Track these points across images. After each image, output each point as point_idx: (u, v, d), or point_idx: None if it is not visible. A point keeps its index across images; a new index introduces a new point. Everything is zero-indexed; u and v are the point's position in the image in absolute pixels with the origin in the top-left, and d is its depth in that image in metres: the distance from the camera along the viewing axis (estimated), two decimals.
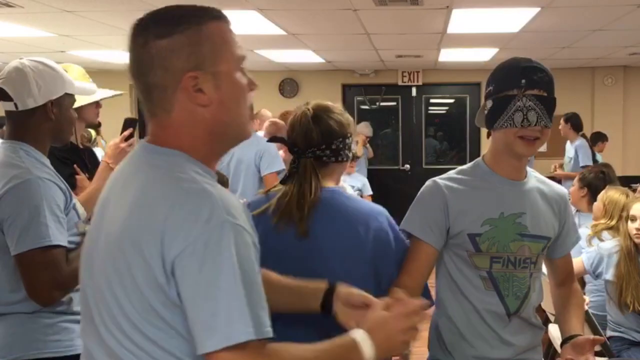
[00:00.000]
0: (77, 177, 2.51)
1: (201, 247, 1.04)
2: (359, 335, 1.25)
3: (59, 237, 1.83)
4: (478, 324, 1.81)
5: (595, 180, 4.41)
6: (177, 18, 1.15)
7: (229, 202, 1.10)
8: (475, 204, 1.80)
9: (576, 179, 4.52)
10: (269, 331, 1.08)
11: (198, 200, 1.08)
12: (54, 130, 1.97)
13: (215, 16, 1.18)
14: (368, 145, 8.52)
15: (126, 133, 2.53)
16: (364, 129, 8.44)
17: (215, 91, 1.15)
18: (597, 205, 3.91)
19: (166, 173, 1.13)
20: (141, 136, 2.47)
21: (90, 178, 2.52)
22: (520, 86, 1.73)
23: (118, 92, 2.83)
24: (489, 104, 1.79)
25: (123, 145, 2.50)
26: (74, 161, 2.59)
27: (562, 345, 1.83)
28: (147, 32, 1.15)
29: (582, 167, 6.72)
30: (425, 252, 1.80)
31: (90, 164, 2.69)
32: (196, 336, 1.06)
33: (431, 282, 1.87)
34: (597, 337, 1.81)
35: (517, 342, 1.81)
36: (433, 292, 1.88)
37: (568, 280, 2.01)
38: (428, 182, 1.87)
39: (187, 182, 1.11)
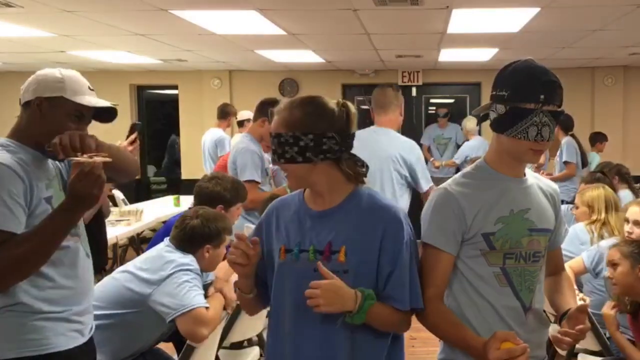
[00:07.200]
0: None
1: None
2: None
3: (4, 222, 1.81)
4: (495, 323, 1.82)
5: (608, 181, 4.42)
6: None
7: None
8: (487, 205, 1.83)
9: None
10: None
11: None
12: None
13: None
14: None
15: (132, 137, 2.55)
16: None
17: None
18: (581, 210, 3.93)
19: None
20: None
21: None
22: (539, 101, 1.75)
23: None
24: (501, 109, 1.80)
25: (130, 149, 2.51)
26: None
27: (560, 320, 1.88)
28: None
29: (564, 162, 6.91)
30: (447, 261, 1.84)
31: None
32: None
33: None
34: (583, 304, 1.85)
35: (533, 339, 1.82)
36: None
37: (559, 270, 2.09)
38: (439, 192, 1.87)
39: None
